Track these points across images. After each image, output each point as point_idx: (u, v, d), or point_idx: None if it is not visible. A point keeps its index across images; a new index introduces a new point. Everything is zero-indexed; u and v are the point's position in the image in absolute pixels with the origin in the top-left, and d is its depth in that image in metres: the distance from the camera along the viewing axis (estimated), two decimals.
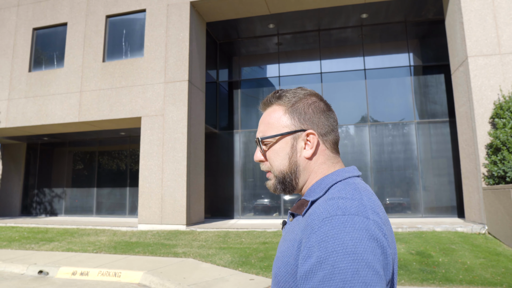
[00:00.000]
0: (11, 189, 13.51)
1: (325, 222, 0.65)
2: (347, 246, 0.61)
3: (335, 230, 0.63)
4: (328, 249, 0.62)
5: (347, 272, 0.59)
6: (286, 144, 0.80)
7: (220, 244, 7.37)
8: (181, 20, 9.66)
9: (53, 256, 7.00)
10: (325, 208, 0.68)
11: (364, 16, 10.75)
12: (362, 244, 0.62)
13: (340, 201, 0.68)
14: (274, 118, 0.82)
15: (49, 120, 10.36)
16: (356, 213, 0.66)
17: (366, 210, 0.67)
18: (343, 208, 0.67)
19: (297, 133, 0.80)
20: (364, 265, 0.60)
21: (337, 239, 0.62)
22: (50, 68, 10.88)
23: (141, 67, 9.77)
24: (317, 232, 0.65)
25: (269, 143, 0.82)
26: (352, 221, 0.64)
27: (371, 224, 0.65)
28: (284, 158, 0.80)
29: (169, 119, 9.26)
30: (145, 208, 9.10)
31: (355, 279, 0.59)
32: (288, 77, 11.67)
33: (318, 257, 0.62)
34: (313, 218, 0.68)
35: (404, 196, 10.40)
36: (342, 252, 0.61)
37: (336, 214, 0.66)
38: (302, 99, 0.83)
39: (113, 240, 8.25)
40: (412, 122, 10.58)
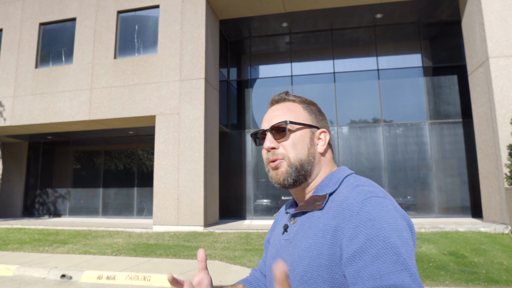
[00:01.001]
0: (12, 189, 13.06)
1: (364, 203, 0.68)
2: (390, 223, 0.65)
3: (377, 209, 0.67)
4: (376, 226, 0.64)
5: (397, 245, 0.62)
6: (305, 135, 0.84)
7: (244, 246, 7.21)
8: (197, 16, 9.46)
9: (71, 259, 6.74)
10: (357, 192, 0.72)
11: (378, 16, 10.73)
12: (399, 222, 0.67)
13: (366, 187, 0.73)
14: (294, 109, 0.86)
15: (58, 118, 10.03)
16: (384, 196, 0.71)
17: (388, 195, 0.73)
18: (373, 192, 0.71)
19: (314, 129, 0.86)
20: (405, 240, 0.64)
21: (381, 217, 0.65)
22: (58, 64, 10.54)
23: (155, 64, 9.53)
24: (360, 212, 0.67)
25: (291, 129, 0.83)
26: (385, 202, 0.69)
27: (397, 206, 0.71)
28: (304, 147, 0.83)
29: (185, 118, 9.05)
30: (160, 209, 8.88)
31: (403, 252, 0.62)
32: (301, 76, 11.57)
33: (367, 234, 0.64)
34: (349, 202, 0.71)
35: (418, 196, 10.41)
36: (389, 229, 0.64)
37: (371, 196, 0.70)
38: (312, 103, 0.90)
39: (130, 242, 8.01)
40: (425, 123, 10.60)
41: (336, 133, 11.02)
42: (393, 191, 10.48)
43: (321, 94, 11.32)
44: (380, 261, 0.62)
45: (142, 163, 12.37)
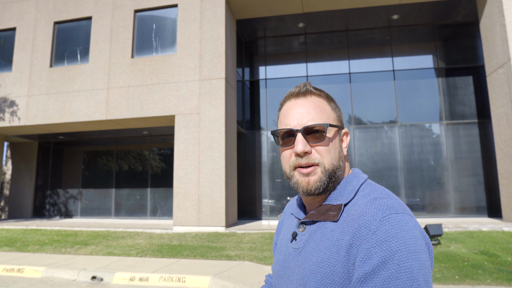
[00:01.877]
0: (22, 189, 12.90)
1: (383, 221, 0.64)
2: (408, 245, 0.61)
3: (395, 229, 0.63)
4: (392, 248, 0.61)
5: (413, 269, 0.59)
6: (337, 138, 0.78)
7: (271, 246, 7.18)
8: (216, 16, 9.42)
9: (97, 261, 6.66)
10: (376, 208, 0.67)
11: (395, 17, 10.77)
12: (419, 242, 0.63)
13: (385, 201, 0.68)
14: (324, 108, 0.78)
15: (73, 117, 9.92)
16: (403, 212, 0.66)
17: (407, 208, 0.69)
18: (392, 207, 0.67)
19: (340, 130, 0.80)
20: (423, 263, 0.61)
21: (399, 238, 0.62)
22: (74, 63, 10.43)
23: (174, 64, 9.47)
24: (377, 232, 0.63)
25: (328, 133, 0.76)
26: (405, 219, 0.65)
27: (416, 222, 0.67)
28: (335, 151, 0.77)
29: (205, 118, 9.00)
30: (180, 209, 8.82)
31: (419, 276, 0.59)
32: (317, 76, 11.58)
33: (382, 257, 0.61)
34: (367, 219, 0.66)
35: (434, 196, 10.46)
36: (406, 251, 0.60)
37: (391, 213, 0.65)
38: (332, 98, 0.82)
39: (153, 243, 7.93)
40: (441, 123, 10.66)
41: (352, 133, 11.03)
42: (409, 191, 10.52)
43: (337, 95, 11.33)
44: (392, 285, 0.59)
45: (156, 163, 12.29)
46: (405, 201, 10.47)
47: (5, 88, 10.63)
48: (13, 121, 10.35)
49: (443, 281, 4.78)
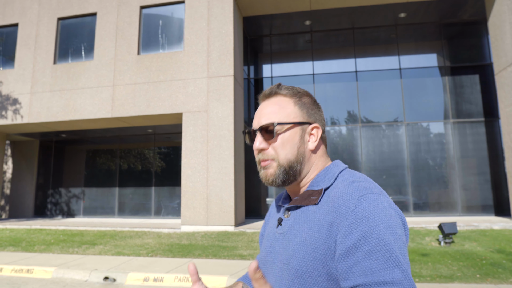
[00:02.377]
0: (23, 188, 12.68)
1: (360, 200, 0.68)
2: (385, 221, 0.66)
3: (372, 206, 0.67)
4: (371, 223, 0.65)
5: (390, 242, 0.64)
6: (295, 134, 0.81)
7: None
8: (224, 13, 9.31)
9: (107, 261, 6.53)
10: (353, 189, 0.71)
11: (402, 15, 10.74)
12: (394, 219, 0.68)
13: (362, 183, 0.73)
14: (284, 107, 0.82)
15: (78, 115, 9.76)
16: (379, 193, 0.71)
17: (383, 191, 0.73)
18: (368, 188, 0.71)
19: (305, 125, 0.82)
20: (398, 237, 0.66)
21: (376, 214, 0.66)
22: (78, 60, 10.25)
23: (181, 61, 9.35)
24: (355, 209, 0.67)
25: (279, 130, 0.81)
26: (380, 199, 0.69)
27: (391, 202, 0.71)
28: (293, 147, 0.81)
29: (213, 116, 8.89)
30: (188, 208, 8.70)
31: (396, 249, 0.64)
32: (323, 75, 11.51)
33: (362, 232, 0.65)
34: (346, 198, 0.70)
35: (441, 194, 10.45)
36: (383, 226, 0.65)
37: (367, 193, 0.70)
38: (305, 95, 0.86)
39: (162, 242, 7.82)
40: (448, 122, 10.65)
41: (359, 132, 10.99)
42: (416, 189, 10.50)
43: (343, 93, 11.28)
44: (373, 257, 0.63)
45: (160, 162, 12.15)
46: (412, 199, 10.46)
47: (7, 85, 10.42)
48: (16, 119, 10.16)
49: (464, 280, 4.74)
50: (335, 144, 11.14)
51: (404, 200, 10.55)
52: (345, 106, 11.21)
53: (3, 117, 10.24)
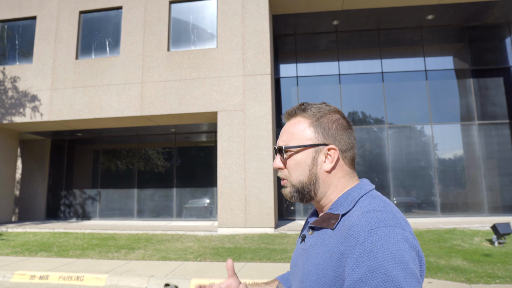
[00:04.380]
0: (34, 190, 12.06)
1: (371, 233, 0.69)
2: (395, 256, 0.65)
3: (382, 241, 0.67)
4: (379, 258, 0.65)
5: (399, 279, 0.63)
6: (308, 156, 0.83)
7: None
8: (259, 10, 9.11)
9: (158, 266, 6.23)
10: (366, 220, 0.71)
11: (429, 17, 10.81)
12: (406, 253, 0.67)
13: (377, 214, 0.72)
14: (298, 129, 0.85)
15: (104, 113, 9.33)
16: (394, 225, 0.70)
17: (400, 222, 0.72)
18: (383, 220, 0.71)
19: (319, 147, 0.83)
20: (410, 273, 0.65)
21: (385, 249, 0.66)
22: (102, 55, 9.81)
23: (215, 58, 9.07)
24: (365, 243, 0.68)
25: (291, 152, 0.84)
26: (394, 232, 0.69)
27: (408, 235, 0.70)
28: (305, 169, 0.83)
29: (250, 115, 8.67)
30: (225, 210, 8.44)
31: (405, 285, 0.63)
32: (349, 75, 11.46)
33: (369, 266, 0.65)
34: (357, 230, 0.71)
35: (467, 195, 10.57)
36: (392, 261, 0.64)
37: (379, 226, 0.69)
38: (327, 114, 0.85)
39: (205, 246, 7.53)
40: (473, 124, 10.79)
41: (386, 133, 10.99)
42: (443, 189, 10.58)
43: (369, 94, 11.26)
44: None
45: (182, 162, 11.79)
46: (439, 200, 10.53)
47: (25, 81, 9.87)
48: (35, 116, 9.62)
49: None
50: (362, 145, 11.10)
51: (432, 200, 10.61)
52: (372, 107, 11.20)
53: (21, 115, 9.68)
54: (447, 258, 6.01)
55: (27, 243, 8.06)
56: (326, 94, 11.40)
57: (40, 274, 5.86)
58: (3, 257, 7.09)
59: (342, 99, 11.27)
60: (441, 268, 5.54)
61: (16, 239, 8.37)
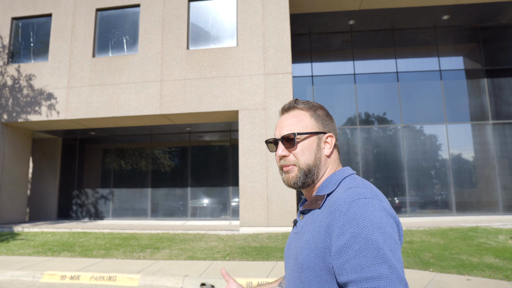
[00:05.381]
0: (46, 189, 11.90)
1: (351, 204, 0.77)
2: (374, 222, 0.74)
3: (362, 210, 0.76)
4: (360, 225, 0.74)
5: (378, 241, 0.71)
6: (313, 142, 0.93)
7: None
8: (280, 9, 9.09)
9: (189, 266, 6.17)
10: (347, 194, 0.81)
11: (445, 18, 10.88)
12: (384, 220, 0.75)
13: (357, 189, 0.82)
14: (302, 119, 0.95)
15: (122, 112, 9.24)
16: (372, 197, 0.79)
17: (378, 195, 0.82)
18: (362, 193, 0.80)
19: (321, 134, 0.95)
20: (388, 236, 0.73)
21: (365, 217, 0.74)
22: (120, 53, 9.72)
23: (235, 57, 9.03)
24: (347, 213, 0.77)
25: (299, 139, 0.93)
26: (372, 202, 0.77)
27: (385, 205, 0.79)
28: (311, 153, 0.93)
29: (272, 114, 8.64)
30: (247, 209, 8.41)
31: (384, 246, 0.71)
32: (363, 75, 11.49)
33: (351, 233, 0.73)
34: (339, 203, 0.80)
35: (482, 194, 10.65)
36: (372, 227, 0.73)
37: (359, 198, 0.78)
38: (319, 108, 0.98)
39: (230, 245, 7.49)
40: (488, 123, 10.88)
41: (401, 132, 11.03)
42: (458, 189, 10.65)
43: (384, 93, 11.30)
44: (362, 255, 0.71)
45: (196, 161, 11.72)
46: (454, 198, 10.60)
47: (40, 79, 9.73)
48: (51, 115, 9.50)
49: None
50: (377, 144, 11.13)
51: (447, 199, 10.67)
52: (387, 107, 11.23)
53: (36, 113, 9.55)
54: (478, 256, 6.04)
55: (47, 243, 7.94)
56: (342, 94, 11.42)
57: (70, 274, 5.77)
58: (26, 257, 6.98)
59: (357, 98, 11.29)
60: (475, 265, 5.56)
61: (35, 239, 8.25)
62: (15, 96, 9.72)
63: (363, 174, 10.88)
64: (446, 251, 6.38)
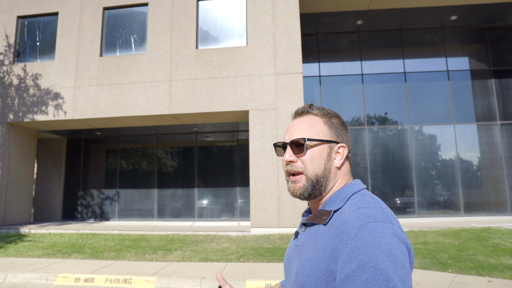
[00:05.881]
0: (50, 190, 11.77)
1: (361, 229, 0.72)
2: (384, 250, 0.69)
3: (372, 236, 0.70)
4: (369, 253, 0.69)
5: (388, 271, 0.67)
6: (324, 150, 0.88)
7: None
8: (290, 8, 9.03)
9: (203, 267, 6.10)
10: (356, 216, 0.75)
11: (453, 18, 10.87)
12: (395, 247, 0.70)
13: (367, 210, 0.76)
14: (315, 124, 0.89)
15: (130, 111, 9.14)
16: (383, 220, 0.74)
17: (389, 217, 0.76)
18: (372, 216, 0.75)
19: (333, 144, 0.89)
20: (399, 265, 0.68)
21: (375, 243, 0.69)
22: (127, 53, 9.62)
23: (245, 56, 8.97)
24: (355, 238, 0.71)
25: (310, 145, 0.87)
26: (383, 227, 0.72)
27: (396, 229, 0.74)
28: (321, 162, 0.87)
29: (282, 114, 8.58)
30: (258, 210, 8.34)
31: (395, 277, 0.67)
32: (371, 75, 11.46)
33: (359, 261, 0.69)
34: (348, 226, 0.74)
35: (489, 194, 10.65)
36: (382, 255, 0.68)
37: (369, 222, 0.73)
38: (334, 116, 0.92)
39: (243, 246, 7.41)
40: (495, 124, 10.88)
41: (409, 133, 11.01)
42: (466, 189, 10.64)
43: (392, 94, 11.28)
44: (370, 285, 0.66)
45: (203, 161, 11.64)
46: (462, 199, 10.59)
47: (47, 78, 9.61)
48: (58, 114, 9.38)
49: None
50: (385, 145, 11.11)
51: (455, 199, 10.66)
52: (395, 107, 11.21)
53: (43, 113, 9.43)
54: (495, 257, 6.02)
55: (56, 245, 7.83)
56: (349, 94, 11.38)
57: (84, 277, 5.68)
58: (36, 259, 6.87)
59: (365, 98, 11.26)
60: (493, 267, 5.53)
61: (43, 241, 8.13)
62: (21, 96, 9.60)
63: (371, 175, 10.85)
64: (462, 252, 6.35)
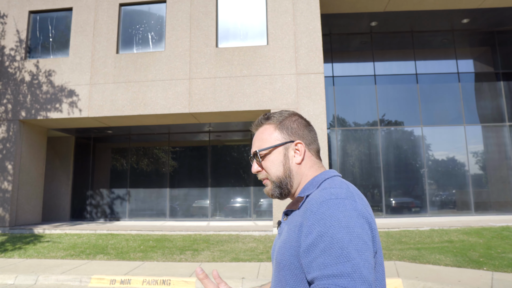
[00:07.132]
0: (58, 189, 11.47)
1: (321, 204, 0.79)
2: (341, 222, 0.75)
3: (331, 210, 0.77)
4: (327, 224, 0.75)
5: (343, 241, 0.72)
6: (279, 154, 0.95)
7: (403, 245, 6.98)
8: (310, 8, 9.05)
9: (237, 268, 6.05)
10: (320, 195, 0.82)
11: (464, 21, 11.10)
12: (353, 220, 0.76)
13: (332, 189, 0.83)
14: (266, 134, 0.98)
15: (149, 110, 8.99)
16: (345, 197, 0.80)
17: (353, 195, 0.82)
18: (335, 194, 0.81)
19: (287, 144, 0.96)
20: (355, 236, 0.73)
21: (333, 216, 0.76)
22: (145, 50, 9.46)
23: (266, 56, 8.94)
24: (316, 212, 0.78)
25: (265, 154, 0.96)
26: (344, 203, 0.78)
27: (359, 205, 0.80)
28: (279, 165, 0.95)
29: (304, 114, 8.58)
30: (281, 210, 8.32)
31: (350, 246, 0.72)
32: (384, 76, 11.59)
33: (318, 232, 0.75)
34: (311, 203, 0.82)
35: (500, 194, 10.91)
36: (338, 226, 0.74)
37: (330, 198, 0.79)
38: (288, 117, 0.99)
39: (269, 246, 7.38)
40: (505, 125, 11.16)
41: (421, 132, 11.19)
42: (476, 189, 10.88)
43: (404, 95, 11.43)
44: (327, 254, 0.72)
45: (216, 161, 11.54)
46: (472, 198, 10.82)
47: (61, 75, 9.37)
48: (73, 112, 9.15)
49: None
50: (398, 145, 11.25)
51: (465, 199, 10.88)
52: (407, 108, 11.37)
53: (57, 110, 9.18)
54: None
55: (77, 246, 7.63)
56: (362, 94, 11.49)
57: (120, 278, 5.56)
58: (61, 260, 6.69)
59: (378, 99, 11.38)
60: None
61: (61, 241, 7.92)
62: (34, 93, 9.32)
63: (384, 174, 10.98)
64: (491, 250, 6.48)
